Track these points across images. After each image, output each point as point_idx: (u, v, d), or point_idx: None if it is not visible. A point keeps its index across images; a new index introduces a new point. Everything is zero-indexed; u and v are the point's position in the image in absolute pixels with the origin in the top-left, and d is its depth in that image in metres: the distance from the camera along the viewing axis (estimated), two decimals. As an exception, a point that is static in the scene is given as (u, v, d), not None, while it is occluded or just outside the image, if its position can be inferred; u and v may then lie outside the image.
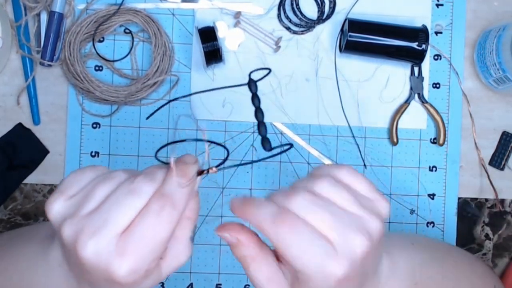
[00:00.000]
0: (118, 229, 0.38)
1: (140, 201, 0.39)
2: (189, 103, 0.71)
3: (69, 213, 0.40)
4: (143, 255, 0.38)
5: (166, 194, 0.39)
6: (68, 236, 0.39)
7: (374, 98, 0.72)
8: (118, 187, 0.39)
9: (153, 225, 0.38)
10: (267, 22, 0.72)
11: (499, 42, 0.67)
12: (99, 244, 0.38)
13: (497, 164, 0.73)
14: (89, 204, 0.39)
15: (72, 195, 0.41)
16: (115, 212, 0.38)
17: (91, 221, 0.38)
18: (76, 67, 0.68)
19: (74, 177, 0.42)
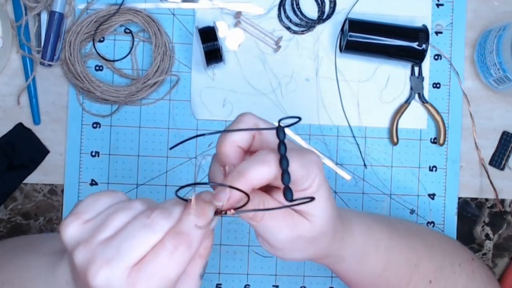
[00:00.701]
0: (131, 262, 0.38)
1: (155, 236, 0.38)
2: (189, 103, 0.71)
3: (83, 238, 0.39)
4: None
5: (182, 232, 0.39)
6: (80, 261, 0.39)
7: (374, 98, 0.72)
8: (134, 219, 0.39)
9: (165, 263, 0.38)
10: (268, 22, 0.72)
11: (500, 42, 0.67)
12: (110, 275, 0.38)
13: (497, 164, 0.73)
14: (104, 232, 0.39)
15: (88, 219, 0.41)
16: (130, 244, 0.38)
17: (104, 250, 0.38)
18: (77, 67, 0.68)
19: (91, 200, 0.41)
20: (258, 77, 0.71)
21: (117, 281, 0.38)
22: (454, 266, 0.60)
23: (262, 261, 0.71)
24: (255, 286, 0.71)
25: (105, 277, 0.38)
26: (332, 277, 0.72)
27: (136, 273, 0.38)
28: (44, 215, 0.70)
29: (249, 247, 0.71)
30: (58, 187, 0.70)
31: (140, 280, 0.38)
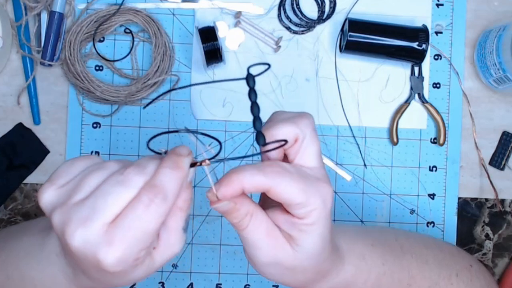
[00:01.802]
0: (107, 219, 0.38)
1: (129, 192, 0.38)
2: (189, 103, 0.71)
3: (59, 202, 0.40)
4: (131, 245, 0.38)
5: (157, 185, 0.39)
6: (57, 224, 0.39)
7: (374, 98, 0.72)
8: (108, 177, 0.39)
9: (142, 216, 0.38)
10: (267, 22, 0.72)
11: (500, 42, 0.67)
12: (87, 233, 0.38)
13: (497, 164, 0.73)
14: (79, 194, 0.39)
15: (63, 184, 0.41)
16: (104, 202, 0.38)
17: (79, 210, 0.38)
18: (77, 67, 0.68)
19: (66, 166, 0.42)
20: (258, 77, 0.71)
21: (94, 239, 0.38)
22: (451, 278, 0.59)
23: (262, 261, 0.71)
24: (255, 286, 0.71)
25: (82, 236, 0.38)
26: (332, 277, 0.71)
27: (113, 229, 0.38)
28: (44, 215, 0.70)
29: (249, 247, 0.71)
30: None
31: (118, 235, 0.38)
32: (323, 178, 0.44)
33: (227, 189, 0.41)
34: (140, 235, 0.38)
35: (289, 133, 0.43)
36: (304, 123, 0.43)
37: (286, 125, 0.43)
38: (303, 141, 0.43)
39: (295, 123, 0.43)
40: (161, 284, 0.70)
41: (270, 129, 0.43)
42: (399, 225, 0.72)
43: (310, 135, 0.43)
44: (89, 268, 0.40)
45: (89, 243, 0.38)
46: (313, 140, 0.44)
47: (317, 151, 0.44)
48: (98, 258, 0.38)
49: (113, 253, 0.38)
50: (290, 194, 0.41)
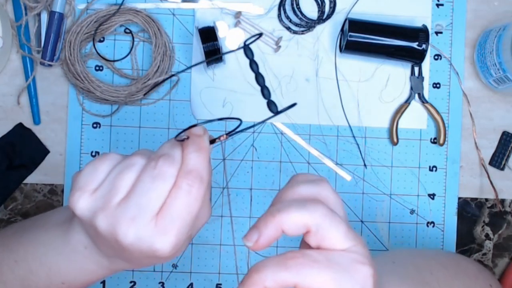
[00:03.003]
0: (153, 212, 0.40)
1: (168, 183, 0.41)
2: (189, 103, 0.71)
3: (98, 206, 0.41)
4: (182, 230, 0.41)
5: (192, 170, 0.41)
6: (105, 227, 0.41)
7: (374, 98, 0.72)
8: (142, 174, 0.41)
9: (186, 202, 0.40)
10: (268, 22, 0.72)
11: (500, 42, 0.67)
12: (139, 229, 0.40)
13: (497, 164, 0.73)
14: (118, 195, 0.41)
15: (95, 188, 0.42)
16: (148, 198, 0.40)
17: (125, 210, 0.40)
18: (77, 67, 0.68)
19: (90, 171, 0.43)
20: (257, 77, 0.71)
21: (147, 233, 0.40)
22: None
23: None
24: (255, 286, 0.71)
25: (135, 233, 0.40)
26: (332, 277, 0.71)
27: (162, 220, 0.40)
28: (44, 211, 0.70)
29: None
30: (58, 187, 0.70)
31: (169, 224, 0.40)
32: (360, 258, 0.39)
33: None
34: (187, 218, 0.41)
35: (299, 223, 0.39)
36: (319, 210, 0.39)
37: (297, 213, 0.39)
38: (319, 230, 0.39)
39: (307, 210, 0.39)
40: (161, 284, 0.70)
41: (280, 212, 0.39)
42: (399, 225, 0.72)
43: (327, 221, 0.39)
44: (140, 258, 0.42)
45: (144, 238, 0.40)
46: (333, 223, 0.39)
47: (343, 232, 0.39)
48: (155, 249, 0.40)
49: (168, 241, 0.40)
50: (321, 286, 0.37)
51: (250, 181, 0.71)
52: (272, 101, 0.41)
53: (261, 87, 0.42)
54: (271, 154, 0.71)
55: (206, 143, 0.42)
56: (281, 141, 0.71)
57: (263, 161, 0.71)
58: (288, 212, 0.39)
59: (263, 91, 0.42)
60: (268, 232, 0.39)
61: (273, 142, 0.71)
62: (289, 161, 0.71)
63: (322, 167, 0.72)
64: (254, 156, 0.71)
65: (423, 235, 0.73)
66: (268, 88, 0.41)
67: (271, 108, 0.42)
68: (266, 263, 0.38)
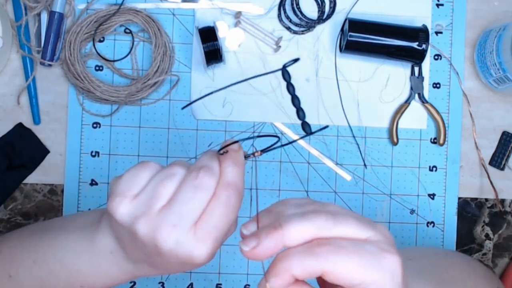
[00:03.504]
0: (193, 220, 0.42)
1: (208, 194, 0.42)
2: (189, 103, 0.71)
3: (139, 212, 0.42)
4: (219, 238, 0.43)
5: (230, 183, 0.43)
6: (145, 232, 0.42)
7: (374, 98, 0.72)
8: (184, 183, 0.43)
9: (224, 212, 0.42)
10: (268, 22, 0.72)
11: (500, 42, 0.67)
12: (179, 236, 0.42)
13: (497, 164, 0.73)
14: (160, 202, 0.42)
15: (135, 194, 0.43)
16: (189, 206, 0.42)
17: (167, 216, 0.42)
18: (77, 67, 0.68)
19: (130, 177, 0.44)
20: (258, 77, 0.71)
21: (187, 240, 0.42)
22: None
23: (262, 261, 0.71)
24: (255, 286, 0.71)
25: (175, 240, 0.42)
26: (332, 277, 0.71)
27: (201, 229, 0.42)
28: (44, 215, 0.70)
29: (249, 247, 0.71)
30: (58, 187, 0.70)
31: (207, 233, 0.42)
32: (385, 247, 0.38)
33: (277, 280, 0.37)
34: (224, 228, 0.43)
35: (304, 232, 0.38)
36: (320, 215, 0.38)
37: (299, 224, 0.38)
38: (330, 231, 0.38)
39: (308, 219, 0.38)
40: (161, 284, 0.70)
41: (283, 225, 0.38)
42: (399, 225, 0.72)
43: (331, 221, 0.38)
44: (173, 264, 0.44)
45: (183, 244, 0.42)
46: (338, 220, 0.38)
47: (354, 225, 0.38)
48: (193, 256, 0.42)
49: (205, 249, 0.42)
50: (348, 274, 0.36)
51: (250, 181, 0.71)
52: (306, 122, 0.44)
53: (297, 109, 0.44)
54: (271, 154, 0.71)
55: (242, 158, 0.45)
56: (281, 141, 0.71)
57: (263, 161, 0.71)
58: (290, 223, 0.38)
59: (298, 112, 0.44)
60: (268, 243, 0.38)
61: (273, 142, 0.71)
62: (289, 161, 0.71)
63: (322, 167, 0.72)
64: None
65: (423, 235, 0.73)
66: (303, 110, 0.43)
67: (305, 129, 0.44)
68: (292, 251, 0.38)
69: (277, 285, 0.38)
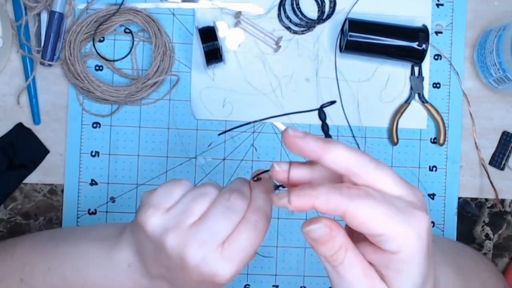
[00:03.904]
0: (222, 239, 0.43)
1: (238, 216, 0.44)
2: (189, 103, 0.71)
3: (170, 225, 0.43)
4: (244, 260, 0.43)
5: (260, 208, 0.44)
6: (174, 245, 0.43)
7: (374, 98, 0.72)
8: (216, 203, 0.44)
9: (252, 235, 0.43)
10: (268, 22, 0.72)
11: (500, 42, 0.67)
12: (207, 253, 0.42)
13: (497, 164, 0.73)
14: (191, 218, 0.43)
15: (168, 208, 0.44)
16: (219, 225, 0.43)
17: (197, 232, 0.43)
18: (77, 66, 0.68)
19: (163, 192, 0.45)
20: (258, 77, 0.71)
21: (213, 258, 0.42)
22: None
23: (262, 261, 0.71)
24: (255, 286, 0.71)
25: (202, 256, 0.42)
26: (332, 277, 0.71)
27: (228, 249, 0.43)
28: (44, 215, 0.70)
29: (249, 247, 0.71)
30: (58, 187, 0.70)
31: (234, 253, 0.43)
32: (418, 204, 0.37)
33: (297, 200, 0.37)
34: (250, 251, 0.44)
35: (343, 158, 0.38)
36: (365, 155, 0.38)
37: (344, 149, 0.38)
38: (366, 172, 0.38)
39: (354, 151, 0.38)
40: (161, 284, 0.70)
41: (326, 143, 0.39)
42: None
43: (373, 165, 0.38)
44: (191, 281, 0.44)
45: (209, 262, 0.42)
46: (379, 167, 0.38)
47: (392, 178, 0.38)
48: (217, 274, 0.43)
49: (230, 269, 0.43)
50: (371, 220, 0.36)
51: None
52: (326, 123, 0.45)
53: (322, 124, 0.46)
54: (271, 154, 0.71)
55: (271, 188, 0.46)
56: (281, 141, 0.71)
57: (263, 161, 0.71)
58: (335, 145, 0.38)
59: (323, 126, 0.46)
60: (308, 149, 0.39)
61: (273, 142, 0.71)
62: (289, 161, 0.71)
63: (322, 167, 0.72)
64: (254, 156, 0.71)
65: (423, 235, 0.73)
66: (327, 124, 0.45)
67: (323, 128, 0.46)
68: (322, 184, 0.37)
69: (295, 204, 0.37)
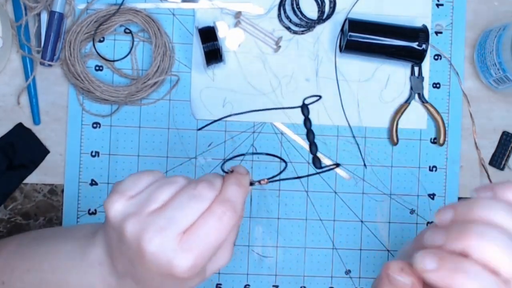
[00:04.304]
0: (182, 228, 0.41)
1: (203, 205, 0.42)
2: (189, 103, 0.71)
3: (131, 211, 0.42)
4: (204, 253, 0.41)
5: (228, 199, 0.42)
6: (131, 232, 0.41)
7: (374, 98, 0.72)
8: (181, 191, 0.42)
9: (216, 226, 0.41)
10: (267, 22, 0.72)
11: (499, 42, 0.67)
12: (164, 240, 0.40)
13: (497, 164, 0.74)
14: (153, 204, 0.42)
15: (133, 195, 0.43)
16: (180, 213, 0.41)
17: (156, 219, 0.41)
18: (77, 67, 0.68)
19: (132, 180, 0.44)
20: (258, 77, 0.71)
21: (171, 246, 0.40)
22: None
23: (262, 261, 0.71)
24: (255, 286, 0.71)
25: (159, 243, 0.40)
26: (332, 277, 0.71)
27: (188, 238, 0.41)
28: (44, 215, 0.70)
29: (249, 247, 0.71)
30: (58, 187, 0.70)
31: (193, 243, 0.41)
32: None
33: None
34: (212, 244, 0.41)
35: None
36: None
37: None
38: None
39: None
40: (161, 284, 0.70)
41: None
42: (399, 225, 0.72)
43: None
44: (153, 275, 0.42)
45: (165, 249, 0.40)
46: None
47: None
48: (173, 264, 0.40)
49: (187, 260, 0.40)
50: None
51: (250, 181, 0.71)
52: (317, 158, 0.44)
53: (310, 143, 0.44)
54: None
55: (246, 183, 0.44)
56: (281, 141, 0.71)
57: (263, 161, 0.71)
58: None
59: (311, 146, 0.44)
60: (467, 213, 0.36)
61: (273, 142, 0.71)
62: (289, 161, 0.71)
63: (322, 167, 0.72)
64: (254, 156, 0.71)
65: (423, 235, 0.73)
66: (316, 144, 0.44)
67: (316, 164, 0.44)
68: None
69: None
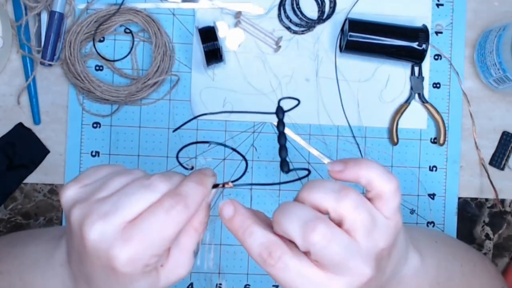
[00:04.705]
0: (126, 217, 0.38)
1: (152, 196, 0.39)
2: (189, 102, 0.71)
3: (80, 198, 0.40)
4: (145, 246, 0.38)
5: (181, 193, 0.39)
6: (75, 218, 0.39)
7: (374, 98, 0.72)
8: (133, 181, 0.40)
9: (161, 220, 0.38)
10: (268, 22, 0.72)
11: (500, 42, 0.67)
12: (105, 227, 0.38)
13: (497, 164, 0.73)
14: (102, 192, 0.40)
15: (88, 184, 0.41)
16: (126, 200, 0.39)
17: (101, 205, 0.39)
18: (77, 67, 0.68)
19: (93, 170, 0.43)
20: (258, 77, 0.71)
21: (111, 234, 0.38)
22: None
23: (262, 261, 0.71)
24: (255, 286, 0.71)
25: (100, 230, 0.38)
26: (332, 277, 0.71)
27: (131, 227, 0.38)
28: (44, 215, 0.70)
29: (249, 247, 0.71)
30: (58, 187, 0.70)
31: (134, 234, 0.38)
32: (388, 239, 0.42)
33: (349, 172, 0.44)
34: (156, 238, 0.38)
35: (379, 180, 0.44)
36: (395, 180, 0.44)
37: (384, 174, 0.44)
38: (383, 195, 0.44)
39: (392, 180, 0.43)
40: (161, 284, 0.70)
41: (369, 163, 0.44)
42: (399, 225, 0.72)
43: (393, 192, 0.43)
44: (96, 269, 0.40)
45: (106, 237, 0.38)
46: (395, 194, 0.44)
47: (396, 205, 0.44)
48: (111, 254, 0.38)
49: (126, 251, 0.38)
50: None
51: (250, 181, 0.71)
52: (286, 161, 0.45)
53: (280, 146, 0.44)
54: (271, 154, 0.71)
55: (208, 183, 0.42)
56: (281, 141, 0.71)
57: (263, 161, 0.71)
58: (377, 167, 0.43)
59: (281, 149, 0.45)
60: (351, 170, 0.44)
61: (273, 142, 0.71)
62: (289, 161, 0.71)
63: (322, 167, 0.72)
64: (254, 156, 0.71)
65: (423, 235, 0.73)
66: (287, 148, 0.45)
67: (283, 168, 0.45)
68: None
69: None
